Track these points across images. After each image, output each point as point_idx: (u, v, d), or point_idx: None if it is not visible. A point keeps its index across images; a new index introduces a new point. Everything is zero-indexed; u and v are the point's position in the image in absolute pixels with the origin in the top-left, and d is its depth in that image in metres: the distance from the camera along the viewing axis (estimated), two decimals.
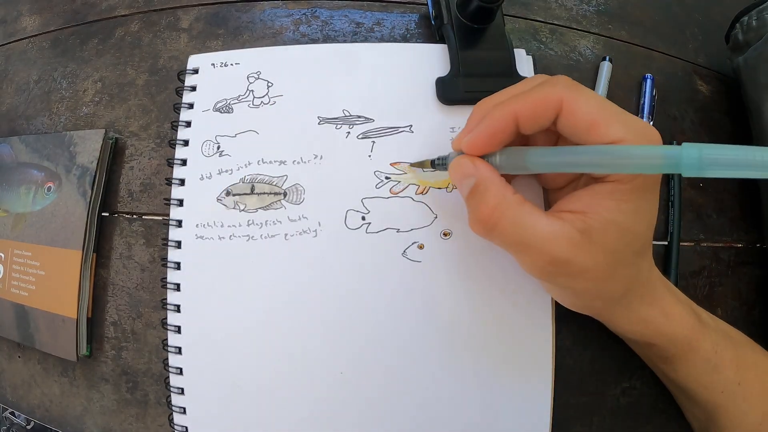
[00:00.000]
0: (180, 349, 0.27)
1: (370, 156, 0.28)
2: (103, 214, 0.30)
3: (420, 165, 0.26)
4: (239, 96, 0.29)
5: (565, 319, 0.27)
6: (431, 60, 0.29)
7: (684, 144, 0.17)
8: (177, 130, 0.29)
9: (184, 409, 0.27)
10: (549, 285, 0.23)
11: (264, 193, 0.28)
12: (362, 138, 0.28)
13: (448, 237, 0.27)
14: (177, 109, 0.30)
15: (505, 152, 0.21)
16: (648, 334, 0.24)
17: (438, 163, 0.25)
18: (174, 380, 0.27)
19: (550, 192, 0.26)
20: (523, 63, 0.29)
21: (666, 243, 0.30)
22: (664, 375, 0.27)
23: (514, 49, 0.29)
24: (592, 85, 0.32)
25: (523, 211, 0.20)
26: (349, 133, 0.28)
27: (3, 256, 0.31)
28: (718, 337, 0.24)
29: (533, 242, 0.20)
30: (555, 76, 0.21)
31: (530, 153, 0.21)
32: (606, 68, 0.32)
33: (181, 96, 0.30)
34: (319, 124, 0.28)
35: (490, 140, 0.21)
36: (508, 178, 0.24)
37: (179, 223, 0.28)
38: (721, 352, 0.24)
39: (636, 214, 0.20)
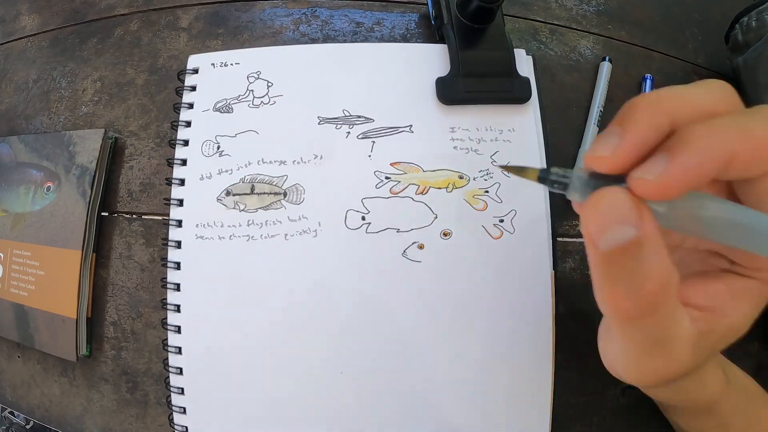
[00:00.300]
0: (180, 349, 0.27)
1: (370, 156, 0.28)
2: (102, 213, 0.30)
3: (518, 172, 0.17)
4: (239, 96, 0.29)
5: (566, 319, 0.27)
6: (431, 60, 0.29)
7: None
8: (177, 130, 0.29)
9: (184, 409, 0.27)
10: (625, 376, 0.17)
11: (264, 193, 0.28)
12: (362, 138, 0.28)
13: (448, 237, 0.27)
14: (177, 108, 0.30)
15: (687, 198, 0.14)
16: (678, 400, 0.22)
17: (555, 180, 0.16)
18: (174, 380, 0.27)
19: None
20: (523, 63, 0.29)
21: None
22: (675, 424, 0.26)
23: (514, 49, 0.29)
24: (592, 86, 0.32)
25: (677, 301, 0.15)
26: (349, 133, 0.28)
27: (2, 256, 0.31)
28: (737, 398, 0.23)
29: (674, 346, 0.15)
30: (763, 107, 0.14)
31: (715, 203, 0.14)
32: (606, 68, 0.32)
33: (181, 96, 0.30)
34: (319, 124, 0.28)
35: (689, 184, 0.13)
36: None
37: (179, 223, 0.28)
38: (735, 413, 0.23)
39: (752, 319, 0.16)
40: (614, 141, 0.14)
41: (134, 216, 0.30)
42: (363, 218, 0.27)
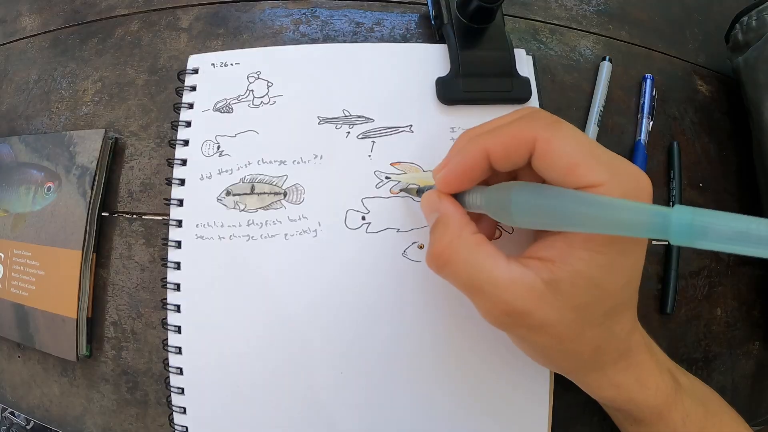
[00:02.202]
0: (180, 349, 0.27)
1: (370, 156, 0.28)
2: (102, 214, 0.30)
3: (408, 191, 0.27)
4: (239, 96, 0.29)
5: None
6: (431, 60, 0.29)
7: (676, 207, 0.14)
8: (177, 130, 0.29)
9: (184, 409, 0.27)
10: (511, 336, 0.21)
11: (264, 193, 0.28)
12: (362, 138, 0.28)
13: None
14: (177, 109, 0.30)
15: (486, 191, 0.20)
16: (619, 400, 0.22)
17: (421, 192, 0.24)
18: (174, 380, 0.27)
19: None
20: (523, 63, 0.29)
21: (666, 243, 0.30)
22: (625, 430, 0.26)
23: (514, 49, 0.29)
24: (592, 86, 0.32)
25: (481, 253, 0.19)
26: (349, 133, 0.28)
27: (3, 256, 0.31)
28: (691, 408, 0.22)
29: (486, 287, 0.19)
30: (535, 111, 0.20)
31: (516, 199, 0.18)
32: (606, 68, 0.32)
33: (181, 96, 0.30)
34: (319, 124, 0.28)
35: (462, 177, 0.20)
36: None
37: (179, 223, 0.28)
38: (689, 423, 0.22)
39: (610, 270, 0.18)
40: (440, 167, 0.21)
41: (134, 216, 0.30)
42: (363, 218, 0.27)
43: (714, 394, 0.25)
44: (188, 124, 0.29)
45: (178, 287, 0.27)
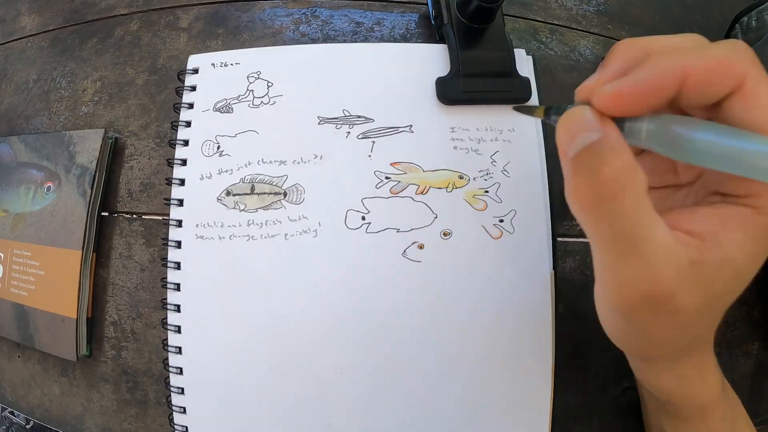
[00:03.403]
0: (180, 349, 0.27)
1: (370, 156, 0.28)
2: (102, 213, 0.30)
3: (528, 112, 0.20)
4: (239, 96, 0.29)
5: (566, 319, 0.27)
6: (431, 60, 0.29)
7: None
8: (177, 130, 0.29)
9: (184, 409, 0.27)
10: (614, 316, 0.18)
11: (264, 193, 0.28)
12: (362, 138, 0.28)
13: (448, 237, 0.27)
14: (177, 108, 0.30)
15: (661, 119, 0.15)
16: (676, 392, 0.21)
17: (557, 110, 0.18)
18: (174, 380, 0.27)
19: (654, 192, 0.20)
20: (523, 63, 0.29)
21: None
22: (657, 426, 0.25)
23: (514, 49, 0.29)
24: None
25: (648, 201, 0.15)
26: (349, 133, 0.28)
27: (2, 256, 0.31)
28: (728, 411, 0.22)
29: (648, 250, 0.15)
30: (742, 44, 0.16)
31: (700, 126, 0.15)
32: None
33: (181, 96, 0.30)
34: (319, 124, 0.28)
35: (644, 97, 0.15)
36: None
37: (179, 223, 0.28)
38: (724, 425, 0.22)
39: (755, 261, 0.16)
40: (598, 74, 0.16)
41: (134, 216, 0.30)
42: (363, 218, 0.27)
43: (736, 396, 0.24)
44: (188, 124, 0.29)
45: (178, 287, 0.27)
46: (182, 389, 0.27)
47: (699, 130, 0.14)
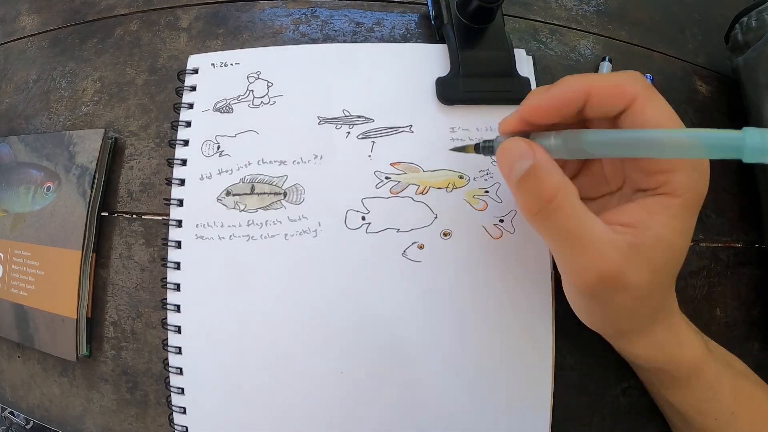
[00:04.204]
0: (180, 349, 0.27)
1: (370, 156, 0.28)
2: (102, 213, 0.30)
3: (461, 150, 0.25)
4: (239, 96, 0.29)
5: (565, 320, 0.27)
6: (431, 60, 0.29)
7: (744, 129, 0.16)
8: (177, 130, 0.29)
9: (184, 409, 0.27)
10: (582, 300, 0.22)
11: (264, 193, 0.28)
12: (362, 138, 0.28)
13: (448, 237, 0.27)
14: (177, 108, 0.30)
15: (563, 134, 0.20)
16: (661, 359, 0.23)
17: (484, 146, 0.23)
18: (174, 380, 0.27)
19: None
20: (523, 63, 0.29)
21: None
22: (662, 398, 0.26)
23: (514, 49, 0.29)
24: None
25: (583, 206, 0.19)
26: (349, 133, 0.28)
27: (2, 256, 0.31)
28: (720, 366, 0.24)
29: (590, 241, 0.19)
30: (636, 73, 0.20)
31: (588, 133, 0.19)
32: (606, 68, 0.32)
33: (180, 96, 0.30)
34: (319, 124, 0.28)
35: (556, 108, 0.20)
36: None
37: (179, 223, 0.28)
38: (721, 380, 0.24)
39: (682, 234, 0.20)
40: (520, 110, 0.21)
41: (134, 216, 0.30)
42: (363, 218, 0.27)
43: (733, 356, 0.26)
44: (188, 124, 0.29)
45: (178, 287, 0.27)
46: (182, 389, 0.27)
47: (588, 133, 0.19)
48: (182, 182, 0.28)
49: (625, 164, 0.22)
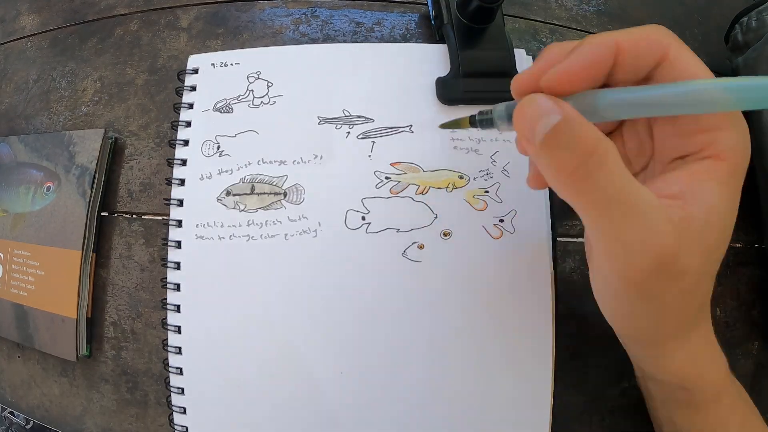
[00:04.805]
0: (180, 349, 0.27)
1: (370, 156, 0.28)
2: (102, 213, 0.30)
3: (453, 125, 0.22)
4: (239, 96, 0.29)
5: (566, 319, 0.27)
6: (431, 60, 0.29)
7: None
8: (177, 130, 0.29)
9: (184, 409, 0.27)
10: (625, 295, 0.18)
11: (264, 193, 0.28)
12: (362, 138, 0.28)
13: (448, 237, 0.27)
14: (177, 108, 0.30)
15: (573, 97, 0.17)
16: (692, 375, 0.20)
17: (481, 119, 0.20)
18: (174, 380, 0.27)
19: None
20: (523, 63, 0.29)
21: None
22: (665, 418, 0.24)
23: (514, 49, 0.29)
24: None
25: (625, 167, 0.16)
26: (349, 133, 0.28)
27: (2, 256, 0.31)
28: (735, 395, 0.22)
29: (644, 210, 0.15)
30: (653, 25, 0.18)
31: (603, 93, 0.17)
32: None
33: (180, 96, 0.30)
34: (319, 124, 0.28)
35: (585, 72, 0.17)
36: None
37: (179, 223, 0.28)
38: (734, 411, 0.22)
39: (732, 204, 0.17)
40: (531, 68, 0.18)
41: (134, 216, 0.30)
42: (363, 218, 0.27)
43: (742, 387, 0.24)
44: (188, 124, 0.29)
45: (178, 287, 0.27)
46: (182, 389, 0.27)
47: (607, 93, 0.16)
48: (182, 182, 0.28)
49: (657, 130, 0.19)
